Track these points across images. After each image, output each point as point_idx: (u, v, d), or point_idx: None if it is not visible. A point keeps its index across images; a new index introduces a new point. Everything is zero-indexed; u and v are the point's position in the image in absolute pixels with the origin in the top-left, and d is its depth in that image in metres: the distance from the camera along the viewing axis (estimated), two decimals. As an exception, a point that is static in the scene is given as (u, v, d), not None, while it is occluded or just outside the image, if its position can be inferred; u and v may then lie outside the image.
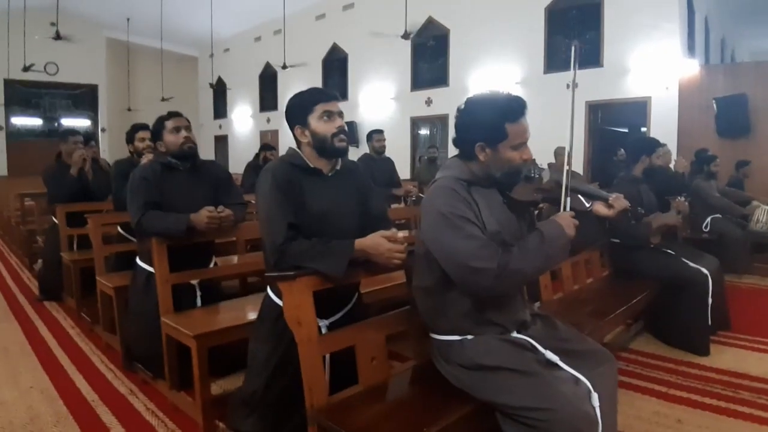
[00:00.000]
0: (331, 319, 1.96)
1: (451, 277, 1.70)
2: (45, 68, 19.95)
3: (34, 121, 20.44)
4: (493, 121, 1.73)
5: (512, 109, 1.75)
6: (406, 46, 14.40)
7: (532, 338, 1.81)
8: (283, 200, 1.84)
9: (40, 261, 5.27)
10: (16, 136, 20.02)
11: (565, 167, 1.87)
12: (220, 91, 21.23)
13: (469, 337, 1.78)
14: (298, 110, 1.98)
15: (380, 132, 5.40)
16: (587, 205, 1.98)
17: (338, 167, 2.03)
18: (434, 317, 1.86)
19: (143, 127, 3.80)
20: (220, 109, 22.24)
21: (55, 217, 4.43)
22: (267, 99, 19.58)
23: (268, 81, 19.48)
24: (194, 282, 2.71)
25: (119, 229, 3.79)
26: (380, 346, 1.87)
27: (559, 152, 7.15)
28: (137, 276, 2.83)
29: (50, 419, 2.54)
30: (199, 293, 2.74)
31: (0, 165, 19.38)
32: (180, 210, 2.59)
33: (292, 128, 1.99)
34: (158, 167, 2.72)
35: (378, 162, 5.34)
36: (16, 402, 2.72)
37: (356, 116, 15.95)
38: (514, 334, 1.82)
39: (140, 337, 2.83)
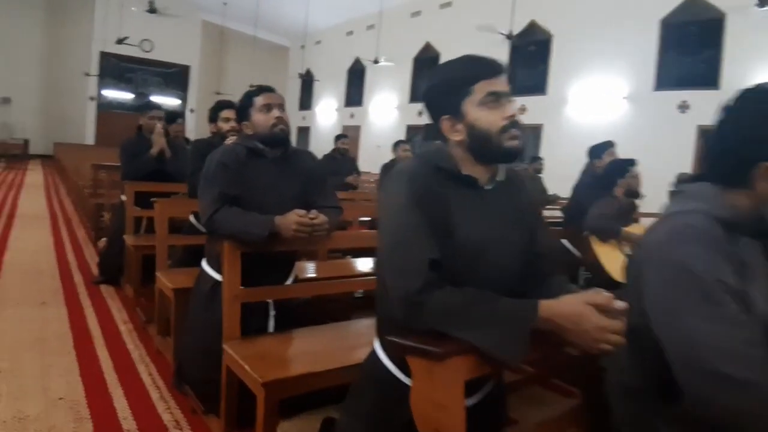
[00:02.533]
0: (473, 400, 1.30)
1: (676, 377, 1.03)
2: (141, 45, 20.51)
3: (125, 95, 21.03)
4: None
5: None
6: (503, 49, 13.64)
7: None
8: (423, 224, 1.18)
9: (104, 239, 4.93)
10: (106, 108, 20.70)
11: None
12: (307, 82, 21.16)
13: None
14: (449, 92, 1.28)
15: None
16: None
17: (500, 177, 1.35)
18: (639, 430, 1.17)
19: (229, 105, 3.27)
20: (306, 101, 22.22)
21: (124, 194, 4.02)
22: (353, 94, 19.30)
23: (355, 76, 19.21)
24: (269, 300, 2.14)
25: (191, 218, 3.28)
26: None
27: (683, 179, 6.20)
28: (201, 282, 2.28)
29: (73, 451, 2.03)
30: (272, 313, 2.17)
31: (88, 134, 20.01)
32: (262, 208, 2.02)
33: (436, 119, 1.32)
34: (242, 152, 2.15)
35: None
36: (39, 418, 2.21)
37: (442, 119, 15.35)
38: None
39: (195, 358, 2.27)
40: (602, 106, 11.52)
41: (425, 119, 16.25)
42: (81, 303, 3.82)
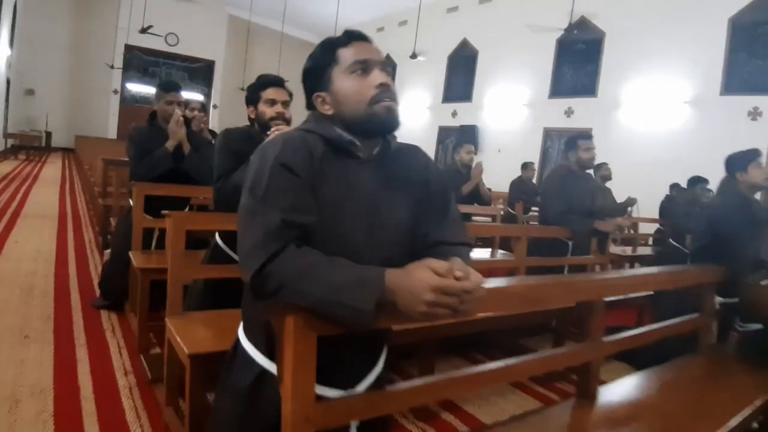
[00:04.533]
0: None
1: None
2: (166, 39, 19.96)
3: (149, 89, 20.35)
4: None
5: None
6: (549, 47, 12.72)
7: None
8: None
9: (108, 251, 4.08)
10: (129, 101, 20.17)
11: None
12: (334, 79, 20.36)
13: None
14: None
15: (589, 139, 3.72)
16: None
17: None
18: None
19: (276, 82, 2.35)
20: (332, 98, 21.41)
21: (132, 198, 3.16)
22: (382, 92, 18.46)
23: (385, 74, 18.35)
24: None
25: (218, 239, 2.38)
26: None
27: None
28: (238, 366, 1.28)
29: None
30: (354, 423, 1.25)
31: (111, 128, 19.46)
32: (350, 247, 1.11)
33: None
34: (318, 146, 1.16)
35: (580, 180, 3.70)
36: None
37: (479, 120, 14.47)
38: None
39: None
40: (660, 110, 10.48)
41: (459, 120, 15.35)
42: (74, 339, 2.96)
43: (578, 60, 12.45)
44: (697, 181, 6.08)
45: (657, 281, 2.01)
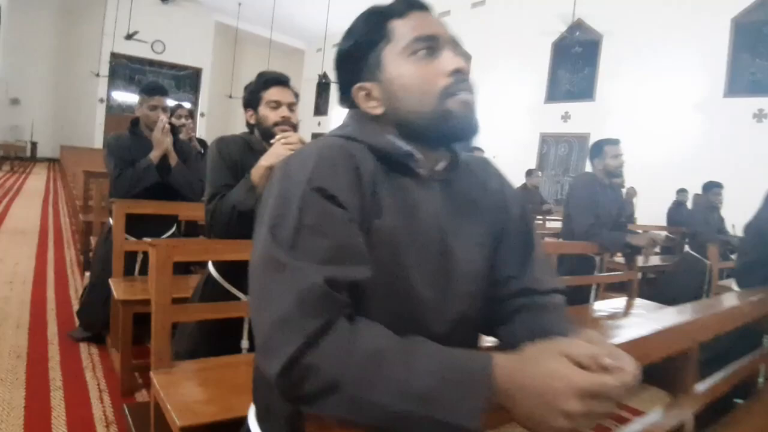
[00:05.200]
0: None
1: None
2: (152, 46, 19.61)
3: (135, 98, 19.83)
4: None
5: None
6: (545, 51, 12.49)
7: None
8: None
9: (88, 274, 3.68)
10: (116, 110, 19.74)
11: None
12: (323, 87, 20.04)
13: None
14: None
15: (617, 144, 3.39)
16: None
17: None
18: None
19: (280, 80, 1.96)
20: (321, 106, 21.20)
21: (111, 217, 2.79)
22: (373, 99, 18.19)
23: (375, 80, 18.10)
24: None
25: (211, 269, 2.00)
26: None
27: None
28: None
29: None
30: None
31: (97, 137, 19.06)
32: (410, 306, 0.77)
33: None
34: (367, 160, 0.79)
35: (608, 190, 3.36)
36: None
37: (473, 126, 14.14)
38: None
39: None
40: (662, 114, 10.24)
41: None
42: (49, 380, 2.56)
43: (575, 63, 12.21)
44: (711, 187, 5.77)
45: (744, 314, 1.68)
